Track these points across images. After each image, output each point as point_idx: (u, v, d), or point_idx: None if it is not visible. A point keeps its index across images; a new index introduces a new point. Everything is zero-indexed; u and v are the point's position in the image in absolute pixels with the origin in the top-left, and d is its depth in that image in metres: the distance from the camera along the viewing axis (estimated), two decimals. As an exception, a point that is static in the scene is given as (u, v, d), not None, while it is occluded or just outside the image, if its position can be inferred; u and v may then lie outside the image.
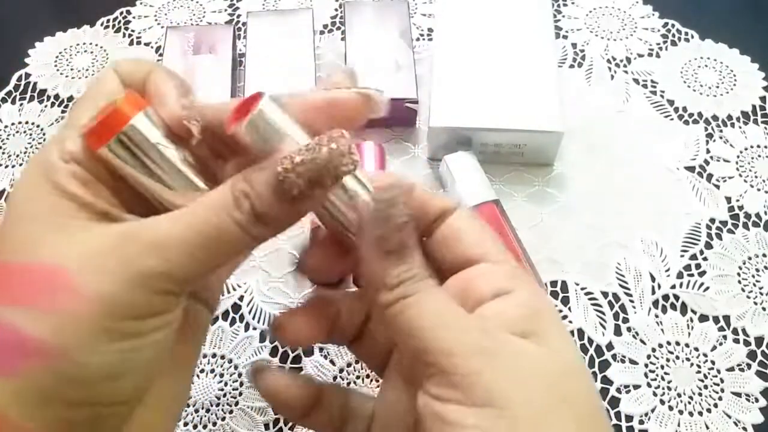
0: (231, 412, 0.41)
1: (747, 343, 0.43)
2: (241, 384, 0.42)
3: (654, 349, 0.43)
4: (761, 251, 0.47)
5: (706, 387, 0.42)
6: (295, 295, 0.46)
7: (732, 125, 0.53)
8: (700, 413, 0.41)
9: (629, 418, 0.41)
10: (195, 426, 0.41)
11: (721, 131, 0.53)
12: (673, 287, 0.46)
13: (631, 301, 0.45)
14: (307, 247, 0.28)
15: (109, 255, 0.21)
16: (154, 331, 0.22)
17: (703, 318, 0.44)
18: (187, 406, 0.41)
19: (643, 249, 0.47)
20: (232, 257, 0.23)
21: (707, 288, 0.46)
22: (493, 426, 0.21)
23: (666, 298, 0.45)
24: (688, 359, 0.43)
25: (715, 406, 0.41)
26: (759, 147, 0.52)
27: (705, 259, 0.47)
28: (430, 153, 0.52)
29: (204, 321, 0.28)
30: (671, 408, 0.41)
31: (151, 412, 0.24)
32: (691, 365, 0.43)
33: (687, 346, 0.43)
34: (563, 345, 0.24)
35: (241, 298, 0.46)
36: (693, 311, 0.45)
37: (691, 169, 0.51)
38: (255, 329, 0.44)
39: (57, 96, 0.57)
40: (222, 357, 0.43)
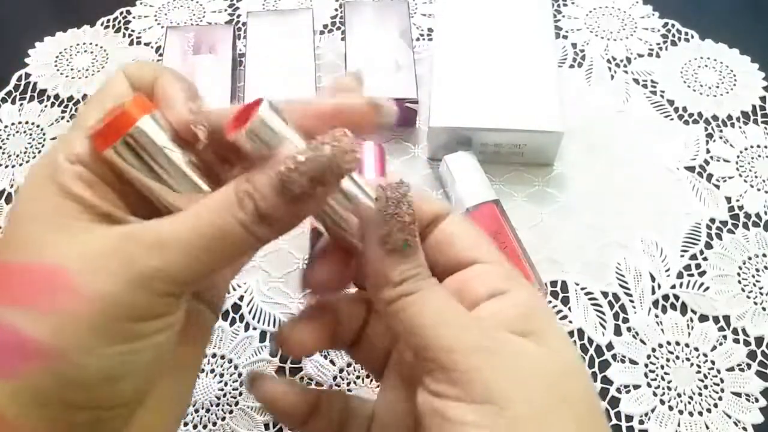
0: (231, 412, 0.41)
1: (747, 343, 0.43)
2: (241, 384, 0.42)
3: (654, 349, 0.43)
4: (761, 251, 0.47)
5: (706, 387, 0.42)
6: (295, 295, 0.46)
7: (732, 125, 0.53)
8: (700, 413, 0.41)
9: (629, 418, 0.41)
10: (195, 426, 0.41)
11: (721, 131, 0.53)
12: (673, 287, 0.46)
13: (631, 301, 0.45)
14: (312, 263, 0.27)
15: (111, 256, 0.21)
16: (155, 333, 0.22)
17: (703, 318, 0.44)
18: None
19: (643, 249, 0.47)
20: (235, 259, 0.23)
21: (707, 288, 0.46)
22: (493, 423, 0.21)
23: (666, 298, 0.45)
24: (688, 359, 0.43)
25: (715, 406, 0.41)
26: (759, 147, 0.52)
27: (705, 259, 0.47)
28: (430, 153, 0.52)
29: (208, 322, 0.28)
30: (671, 408, 0.41)
31: (153, 414, 0.24)
32: (691, 365, 0.43)
33: (687, 346, 0.43)
34: (562, 345, 0.24)
35: (241, 298, 0.46)
36: (693, 311, 0.45)
37: (691, 169, 0.51)
38: (255, 329, 0.44)
39: (57, 96, 0.57)
40: (222, 357, 0.43)
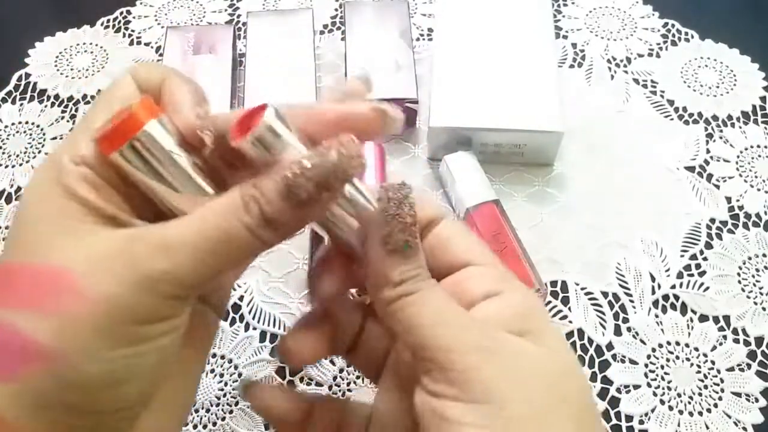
0: (231, 412, 0.41)
1: (747, 343, 0.43)
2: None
3: (654, 349, 0.43)
4: (761, 251, 0.47)
5: (706, 387, 0.42)
6: (295, 295, 0.46)
7: (732, 125, 0.53)
8: (700, 413, 0.41)
9: (629, 418, 0.41)
10: (195, 426, 0.41)
11: (721, 131, 0.53)
12: (673, 287, 0.46)
13: (631, 301, 0.45)
14: (317, 273, 0.27)
15: (116, 258, 0.21)
16: (160, 336, 0.22)
17: (703, 318, 0.44)
18: (187, 406, 0.42)
19: (643, 249, 0.47)
20: (240, 262, 0.23)
21: (707, 288, 0.46)
22: (491, 423, 0.21)
23: (666, 298, 0.45)
24: (688, 359, 0.43)
25: (715, 406, 0.41)
26: (759, 147, 0.52)
27: (705, 259, 0.47)
28: (430, 153, 0.52)
29: (212, 324, 0.28)
30: (671, 408, 0.41)
31: (156, 416, 0.24)
32: (691, 365, 0.43)
33: (687, 346, 0.43)
34: (560, 344, 0.24)
35: (241, 298, 0.46)
36: (693, 311, 0.45)
37: (691, 169, 0.51)
38: (255, 329, 0.44)
39: (57, 96, 0.57)
40: (222, 357, 0.43)
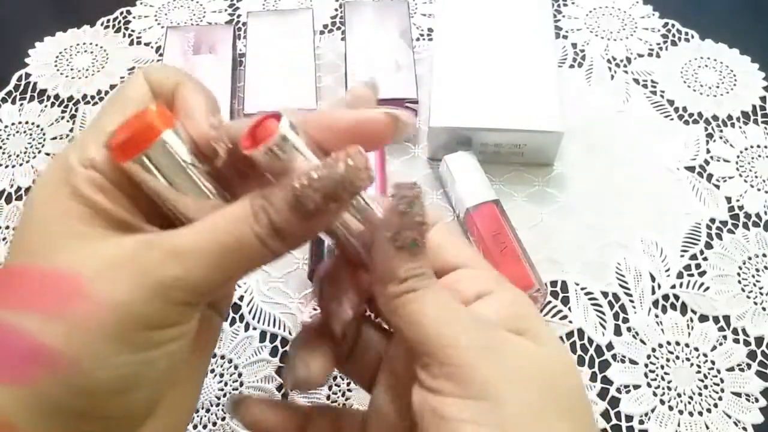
0: (231, 412, 0.41)
1: (747, 343, 0.43)
2: (241, 384, 0.42)
3: (654, 349, 0.43)
4: (761, 251, 0.47)
5: (706, 387, 0.42)
6: (295, 295, 0.46)
7: (732, 125, 0.53)
8: (700, 413, 0.41)
9: (629, 418, 0.41)
10: (195, 426, 0.41)
11: (721, 131, 0.53)
12: (673, 287, 0.46)
13: (631, 301, 0.45)
14: (328, 294, 0.27)
15: (128, 263, 0.21)
16: (170, 342, 0.22)
17: (703, 318, 0.44)
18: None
19: (643, 249, 0.47)
20: (250, 270, 0.23)
21: (707, 288, 0.46)
22: (488, 420, 0.21)
23: (666, 298, 0.45)
24: (688, 359, 0.43)
25: (715, 406, 0.41)
26: (759, 147, 0.52)
27: (705, 259, 0.47)
28: (430, 153, 0.52)
29: (216, 329, 0.28)
30: (671, 408, 0.41)
31: (162, 421, 0.24)
32: (691, 365, 0.43)
33: (687, 346, 0.43)
34: (556, 344, 0.24)
35: (241, 298, 0.46)
36: (693, 311, 0.45)
37: (691, 169, 0.51)
38: (255, 329, 0.44)
39: (57, 96, 0.57)
40: (222, 357, 0.43)
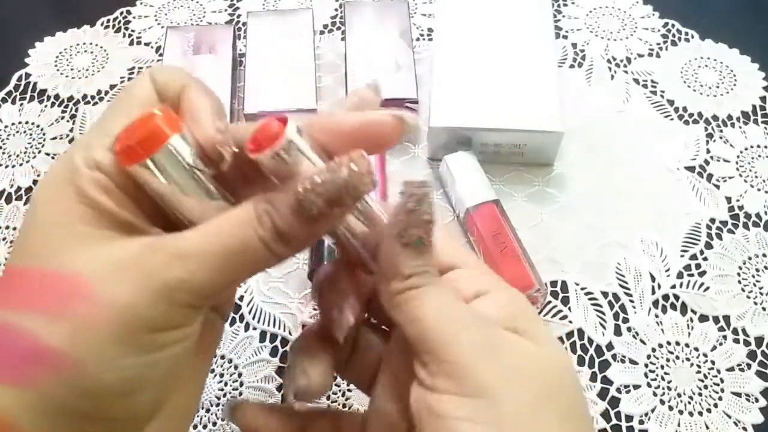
0: (231, 412, 0.41)
1: (747, 343, 0.43)
2: (241, 384, 0.42)
3: (654, 349, 0.43)
4: (761, 251, 0.47)
5: (706, 387, 0.42)
6: (295, 295, 0.46)
7: (732, 125, 0.53)
8: (700, 413, 0.41)
9: (629, 418, 0.41)
10: (195, 426, 0.41)
11: (721, 131, 0.53)
12: (673, 287, 0.46)
13: (631, 301, 0.45)
14: (330, 301, 0.27)
15: (132, 266, 0.21)
16: (174, 344, 0.22)
17: (703, 318, 0.44)
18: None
19: (643, 249, 0.47)
20: (254, 273, 0.23)
21: (707, 288, 0.46)
22: (484, 419, 0.21)
23: (666, 298, 0.45)
24: (688, 359, 0.43)
25: (715, 406, 0.41)
26: (759, 147, 0.52)
27: (705, 259, 0.47)
28: (430, 153, 0.52)
29: (218, 331, 0.28)
30: (671, 408, 0.41)
31: (165, 423, 0.24)
32: (691, 365, 0.43)
33: (687, 346, 0.43)
34: (554, 343, 0.24)
35: (241, 298, 0.46)
36: (693, 311, 0.45)
37: (691, 169, 0.51)
38: (255, 329, 0.44)
39: (57, 96, 0.57)
40: (222, 357, 0.43)
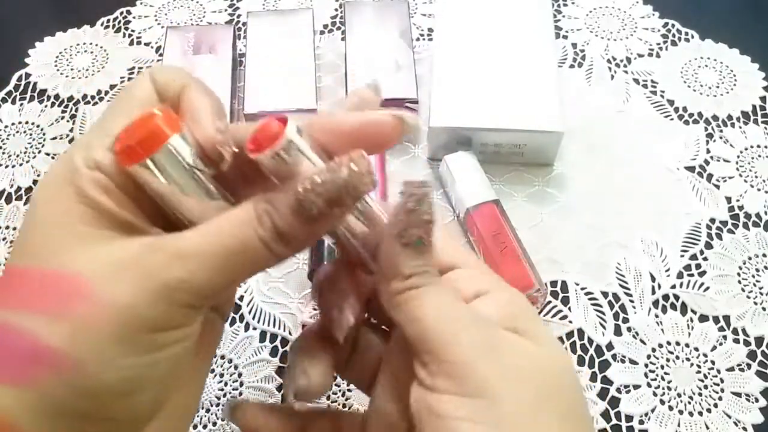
0: (231, 412, 0.41)
1: (747, 343, 0.43)
2: (241, 384, 0.42)
3: (654, 349, 0.43)
4: (761, 251, 0.47)
5: (706, 387, 0.42)
6: (295, 295, 0.46)
7: (732, 125, 0.53)
8: (700, 413, 0.41)
9: (629, 418, 0.41)
10: (195, 426, 0.41)
11: (721, 131, 0.53)
12: (673, 287, 0.46)
13: (631, 301, 0.45)
14: (330, 301, 0.27)
15: (132, 266, 0.21)
16: (174, 344, 0.22)
17: (703, 318, 0.44)
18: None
19: (643, 249, 0.47)
20: (254, 273, 0.23)
21: (707, 288, 0.46)
22: (484, 419, 0.21)
23: (666, 298, 0.45)
24: (688, 359, 0.43)
25: (715, 406, 0.41)
26: (759, 147, 0.52)
27: (705, 259, 0.47)
28: (430, 153, 0.52)
29: (218, 331, 0.28)
30: (671, 408, 0.41)
31: (165, 423, 0.24)
32: (691, 365, 0.43)
33: (687, 346, 0.43)
34: (554, 343, 0.24)
35: (241, 298, 0.46)
36: (693, 311, 0.45)
37: (691, 169, 0.51)
38: (255, 329, 0.44)
39: (57, 96, 0.57)
40: (222, 357, 0.43)
